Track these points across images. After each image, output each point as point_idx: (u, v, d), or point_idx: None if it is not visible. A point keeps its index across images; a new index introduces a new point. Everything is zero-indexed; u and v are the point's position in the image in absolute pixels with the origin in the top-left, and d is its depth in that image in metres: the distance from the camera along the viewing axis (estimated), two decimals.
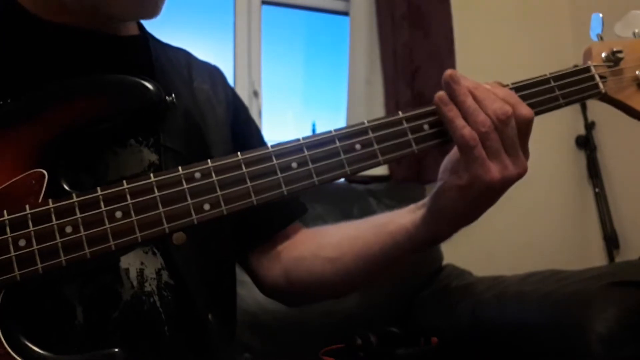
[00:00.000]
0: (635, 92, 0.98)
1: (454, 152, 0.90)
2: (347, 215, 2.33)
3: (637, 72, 0.98)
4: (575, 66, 0.97)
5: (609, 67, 0.98)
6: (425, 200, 0.95)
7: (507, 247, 2.71)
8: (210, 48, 2.89)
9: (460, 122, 0.84)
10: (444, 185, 0.89)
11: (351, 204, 2.38)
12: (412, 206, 0.99)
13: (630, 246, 2.90)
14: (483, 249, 2.45)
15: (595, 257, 3.01)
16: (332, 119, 3.07)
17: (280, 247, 1.14)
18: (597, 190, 3.04)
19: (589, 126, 3.08)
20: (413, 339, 1.94)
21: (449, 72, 0.87)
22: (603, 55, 0.99)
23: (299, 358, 2.03)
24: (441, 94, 0.87)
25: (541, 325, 1.65)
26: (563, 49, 3.14)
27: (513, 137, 0.85)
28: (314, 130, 3.01)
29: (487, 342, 1.87)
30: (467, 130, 0.84)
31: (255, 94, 2.71)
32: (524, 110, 0.86)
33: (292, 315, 2.06)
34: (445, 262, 2.48)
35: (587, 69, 0.97)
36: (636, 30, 1.02)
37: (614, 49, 0.98)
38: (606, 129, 3.03)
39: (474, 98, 0.85)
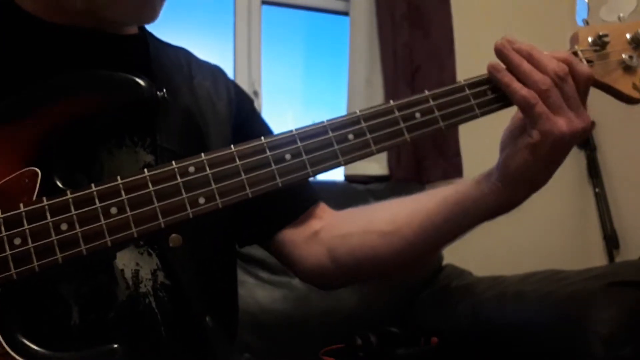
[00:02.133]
0: (621, 75, 0.99)
1: (511, 123, 0.93)
2: None
3: (623, 55, 0.99)
4: None
5: (596, 51, 0.99)
6: (489, 171, 0.95)
7: (507, 247, 2.70)
8: (210, 48, 2.89)
9: (516, 84, 0.88)
10: (513, 149, 0.90)
11: (351, 204, 2.36)
12: (472, 181, 0.98)
13: (630, 246, 2.90)
14: (483, 249, 2.45)
15: (595, 257, 3.01)
16: None
17: (316, 227, 1.12)
18: (597, 190, 3.04)
19: None
20: (413, 339, 1.94)
21: (500, 41, 0.91)
22: (589, 39, 1.00)
23: (299, 358, 2.02)
24: (493, 62, 0.90)
25: (541, 325, 1.65)
26: (563, 49, 3.14)
27: (572, 92, 0.89)
28: None
29: (487, 342, 1.87)
30: (525, 91, 0.87)
31: (255, 94, 2.72)
32: (582, 67, 0.91)
33: (292, 315, 2.06)
34: (445, 262, 2.47)
35: (575, 54, 0.98)
36: (621, 14, 1.02)
37: (600, 33, 0.99)
38: (606, 129, 3.02)
39: (531, 60, 0.89)
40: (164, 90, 0.86)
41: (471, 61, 2.84)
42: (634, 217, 2.92)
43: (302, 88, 3.15)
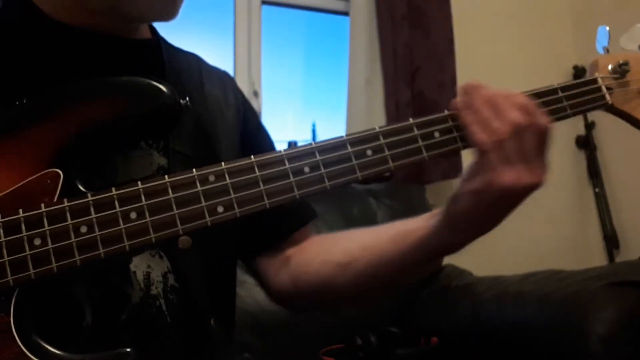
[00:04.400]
0: None
1: (474, 160, 0.90)
2: (347, 215, 2.33)
3: None
4: (577, 77, 0.98)
5: (616, 79, 0.99)
6: (441, 208, 0.94)
7: (507, 247, 2.70)
8: (210, 48, 2.90)
9: (475, 127, 0.85)
10: (458, 191, 0.89)
11: (351, 204, 2.38)
12: (428, 214, 0.98)
13: (630, 246, 2.91)
14: (483, 249, 2.45)
15: (595, 257, 3.02)
16: (332, 119, 3.08)
17: (289, 252, 1.14)
18: (597, 190, 3.05)
19: (589, 126, 3.09)
20: (413, 339, 1.95)
21: (464, 84, 0.88)
22: (610, 67, 0.99)
23: (299, 358, 2.02)
24: (459, 99, 0.88)
25: (541, 325, 1.65)
26: (563, 49, 3.15)
27: (529, 145, 0.84)
28: (314, 131, 3.01)
29: (487, 342, 1.87)
30: (481, 136, 0.84)
31: (255, 94, 2.72)
32: (542, 120, 0.86)
33: (292, 316, 2.06)
34: (445, 262, 2.48)
35: (595, 80, 0.98)
36: None
37: (621, 62, 0.99)
38: (606, 129, 3.04)
39: (492, 106, 0.86)
40: (187, 98, 0.86)
41: (471, 61, 2.86)
42: (634, 217, 2.93)
43: (302, 88, 3.16)
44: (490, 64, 2.89)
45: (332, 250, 1.08)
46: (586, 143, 3.10)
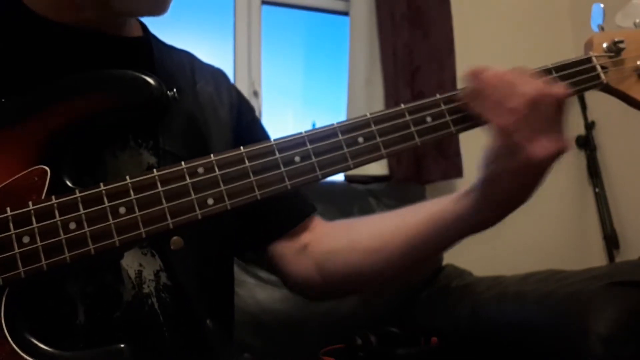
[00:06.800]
0: (636, 82, 0.98)
1: (494, 140, 0.90)
2: (347, 215, 2.31)
3: (638, 62, 0.98)
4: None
5: (610, 57, 0.97)
6: (471, 188, 0.94)
7: (507, 247, 2.70)
8: (210, 48, 2.89)
9: (492, 113, 0.86)
10: (493, 172, 0.89)
11: (351, 204, 2.38)
12: (454, 195, 0.97)
13: (630, 246, 2.90)
14: (483, 249, 2.45)
15: (595, 257, 3.01)
16: (332, 119, 3.04)
17: (305, 240, 1.12)
18: (597, 190, 3.04)
19: (589, 126, 3.07)
20: (413, 339, 1.95)
21: (471, 69, 0.88)
22: (604, 45, 0.98)
23: (299, 358, 2.02)
24: (468, 90, 0.88)
25: (541, 325, 1.65)
26: (563, 49, 3.13)
27: (549, 115, 0.85)
28: None
29: (487, 342, 1.87)
30: (501, 120, 0.85)
31: (255, 94, 2.72)
32: (558, 88, 0.87)
33: (292, 315, 2.06)
34: (445, 262, 2.48)
35: (589, 59, 0.97)
36: (637, 21, 1.01)
37: (615, 39, 0.97)
38: (606, 129, 3.03)
39: (504, 85, 0.86)
40: (174, 90, 0.86)
41: (471, 61, 2.84)
42: (634, 217, 2.92)
43: (302, 88, 3.15)
44: (490, 64, 2.88)
45: (359, 237, 1.07)
46: (586, 143, 3.08)
